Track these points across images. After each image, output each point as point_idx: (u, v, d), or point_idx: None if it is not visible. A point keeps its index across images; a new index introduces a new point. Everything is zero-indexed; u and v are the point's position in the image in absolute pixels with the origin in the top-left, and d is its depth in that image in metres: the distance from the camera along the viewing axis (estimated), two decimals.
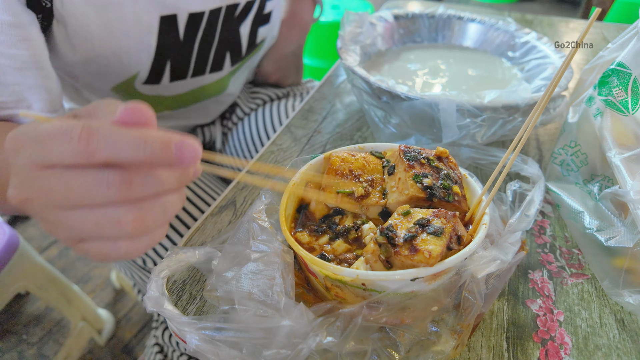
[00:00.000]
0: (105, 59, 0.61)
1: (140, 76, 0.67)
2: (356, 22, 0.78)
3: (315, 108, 0.77)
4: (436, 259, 0.33)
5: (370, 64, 0.78)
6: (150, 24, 0.61)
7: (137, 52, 0.63)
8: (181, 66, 0.70)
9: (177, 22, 0.63)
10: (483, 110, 0.55)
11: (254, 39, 0.79)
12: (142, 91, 0.71)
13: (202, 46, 0.70)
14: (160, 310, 0.35)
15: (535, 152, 0.66)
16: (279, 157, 0.63)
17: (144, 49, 0.63)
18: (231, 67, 0.78)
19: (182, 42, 0.66)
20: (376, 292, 0.35)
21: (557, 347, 0.40)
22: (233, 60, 0.78)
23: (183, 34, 0.65)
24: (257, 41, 0.80)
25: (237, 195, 0.56)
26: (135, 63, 0.64)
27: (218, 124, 0.94)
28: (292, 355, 0.32)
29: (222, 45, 0.73)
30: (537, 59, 0.74)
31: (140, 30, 0.60)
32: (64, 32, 0.57)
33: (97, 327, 1.29)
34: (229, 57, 0.76)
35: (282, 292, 0.35)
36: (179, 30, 0.64)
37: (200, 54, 0.71)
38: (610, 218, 0.45)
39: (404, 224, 0.36)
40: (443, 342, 0.37)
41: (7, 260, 0.97)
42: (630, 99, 0.45)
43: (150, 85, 0.70)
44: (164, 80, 0.70)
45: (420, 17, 0.86)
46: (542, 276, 0.46)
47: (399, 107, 0.59)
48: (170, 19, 0.62)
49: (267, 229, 0.40)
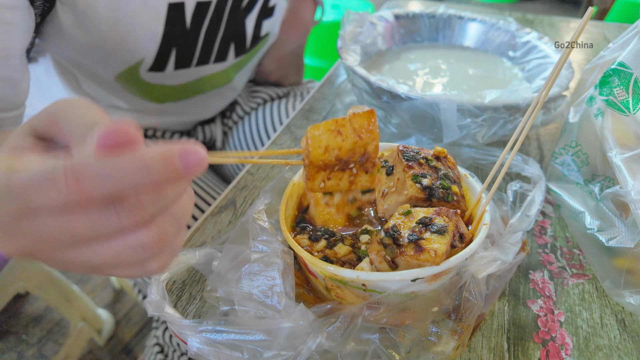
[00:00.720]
0: (112, 43, 0.61)
1: (145, 63, 0.67)
2: (357, 21, 0.78)
3: (315, 108, 0.76)
4: (442, 258, 0.33)
5: (371, 63, 0.78)
6: (158, 10, 0.61)
7: (144, 38, 0.63)
8: (186, 54, 0.70)
9: (185, 10, 0.64)
10: (484, 110, 0.55)
11: (259, 31, 0.79)
12: (146, 79, 0.71)
13: (207, 35, 0.70)
14: (161, 314, 0.34)
15: (536, 152, 0.66)
16: (279, 157, 0.63)
17: (151, 36, 0.63)
18: (235, 58, 0.79)
19: (188, 30, 0.67)
20: (376, 293, 0.35)
21: (558, 347, 0.39)
22: (237, 51, 0.78)
23: (190, 22, 0.66)
24: (262, 34, 0.80)
25: (237, 195, 0.56)
26: (141, 49, 0.64)
27: (218, 122, 0.94)
28: (293, 356, 0.32)
29: (228, 36, 0.74)
30: (538, 58, 0.74)
31: (148, 16, 0.61)
32: (71, 15, 0.56)
33: (96, 328, 1.29)
34: (234, 48, 0.77)
35: (282, 293, 0.35)
36: (185, 18, 0.65)
37: (205, 43, 0.71)
38: (611, 218, 0.45)
39: (407, 223, 0.36)
40: (443, 342, 0.37)
41: (7, 260, 0.97)
42: (631, 99, 0.45)
43: (154, 72, 0.70)
44: (169, 68, 0.70)
45: (420, 16, 0.86)
46: (543, 276, 0.46)
47: (400, 107, 0.59)
48: (178, 7, 0.63)
49: (267, 229, 0.40)
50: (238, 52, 0.78)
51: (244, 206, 0.54)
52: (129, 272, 0.26)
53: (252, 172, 0.60)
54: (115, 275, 0.27)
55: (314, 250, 0.39)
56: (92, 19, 0.57)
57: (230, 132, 0.94)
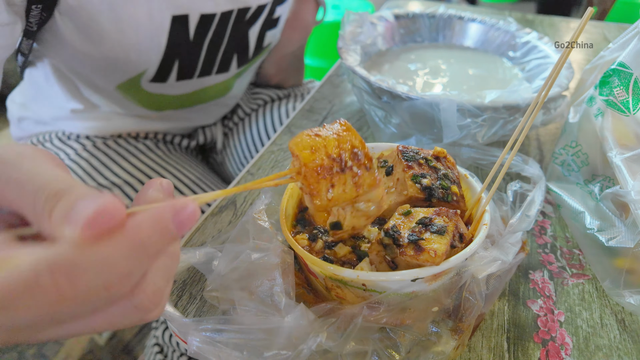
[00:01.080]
0: (114, 54, 0.61)
1: (148, 74, 0.67)
2: (357, 21, 0.78)
3: (315, 108, 0.77)
4: (442, 258, 0.33)
5: (371, 63, 0.78)
6: (162, 23, 0.61)
7: (147, 50, 0.63)
8: (189, 66, 0.70)
9: (189, 23, 0.64)
10: (484, 110, 0.55)
11: (262, 42, 0.79)
12: (147, 89, 0.71)
13: (210, 47, 0.70)
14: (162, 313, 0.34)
15: (536, 153, 0.66)
16: (279, 157, 0.63)
17: (154, 48, 0.63)
18: (237, 69, 0.79)
19: (191, 42, 0.66)
20: (377, 293, 0.35)
21: (558, 347, 0.39)
22: (240, 62, 0.78)
23: (193, 34, 0.65)
24: (264, 45, 0.80)
25: (237, 195, 0.56)
26: (144, 61, 0.64)
27: (219, 124, 0.94)
28: (293, 356, 0.32)
29: (231, 47, 0.73)
30: (538, 58, 0.74)
31: (151, 28, 0.60)
32: (72, 25, 0.56)
33: None
34: (236, 59, 0.77)
35: (282, 293, 0.35)
36: (189, 30, 0.65)
37: (208, 55, 0.71)
38: (611, 218, 0.45)
39: (406, 223, 0.36)
40: (443, 342, 0.37)
41: None
42: (631, 99, 0.45)
43: (156, 83, 0.70)
44: (171, 79, 0.70)
45: (420, 17, 0.86)
46: (542, 276, 0.46)
47: (400, 107, 0.59)
48: (181, 19, 0.62)
49: (268, 229, 0.40)
50: (240, 62, 0.78)
51: (244, 206, 0.54)
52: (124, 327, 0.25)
53: (253, 173, 0.60)
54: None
55: (313, 250, 0.39)
56: (95, 31, 0.57)
57: (231, 133, 0.94)
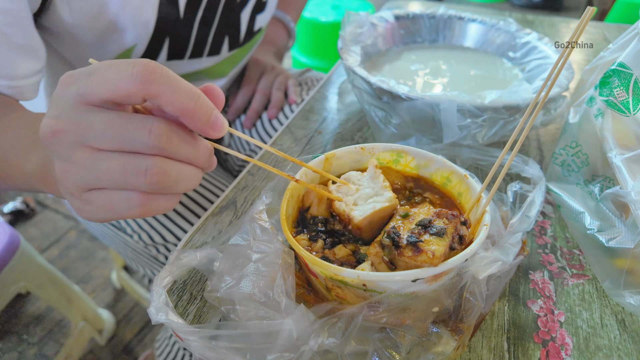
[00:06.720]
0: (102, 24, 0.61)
1: (137, 50, 0.67)
2: (357, 22, 0.78)
3: (315, 108, 0.77)
4: (440, 259, 0.33)
5: (371, 64, 0.78)
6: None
7: (135, 23, 0.62)
8: (180, 45, 0.70)
9: None
10: (484, 110, 0.55)
11: (252, 26, 0.80)
12: None
13: (201, 27, 0.70)
14: (164, 321, 0.34)
15: (536, 153, 0.66)
16: (280, 157, 0.63)
17: (143, 22, 0.62)
18: (228, 52, 0.79)
19: (181, 20, 0.67)
20: (377, 293, 0.35)
21: (558, 347, 0.40)
22: (231, 45, 0.79)
23: (183, 11, 0.66)
24: (255, 29, 0.81)
25: (237, 195, 0.56)
26: (132, 35, 0.64)
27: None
28: (295, 357, 0.32)
29: (222, 29, 0.74)
30: (538, 59, 0.74)
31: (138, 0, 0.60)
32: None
33: (97, 327, 1.29)
34: (227, 42, 0.77)
35: (282, 293, 0.35)
36: (179, 7, 0.65)
37: (199, 35, 0.71)
38: (611, 219, 0.45)
39: (406, 225, 0.36)
40: (444, 343, 0.37)
41: (7, 260, 0.97)
42: (632, 100, 0.45)
43: None
44: (161, 58, 0.70)
45: (421, 17, 0.86)
46: (542, 277, 0.46)
47: (400, 107, 0.59)
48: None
49: (268, 229, 0.40)
50: (232, 45, 0.79)
51: (244, 206, 0.54)
52: (110, 198, 0.29)
53: (253, 173, 0.60)
54: (94, 201, 0.30)
55: (313, 250, 0.40)
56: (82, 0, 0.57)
57: (234, 124, 0.94)
